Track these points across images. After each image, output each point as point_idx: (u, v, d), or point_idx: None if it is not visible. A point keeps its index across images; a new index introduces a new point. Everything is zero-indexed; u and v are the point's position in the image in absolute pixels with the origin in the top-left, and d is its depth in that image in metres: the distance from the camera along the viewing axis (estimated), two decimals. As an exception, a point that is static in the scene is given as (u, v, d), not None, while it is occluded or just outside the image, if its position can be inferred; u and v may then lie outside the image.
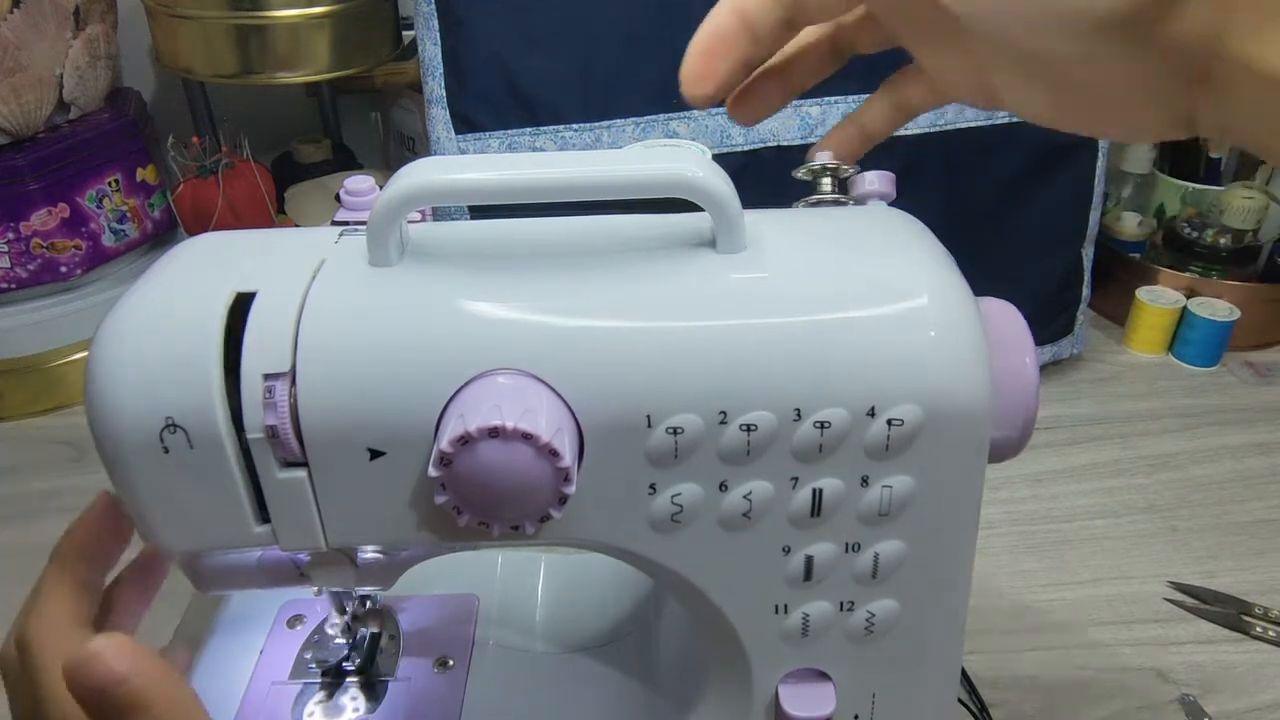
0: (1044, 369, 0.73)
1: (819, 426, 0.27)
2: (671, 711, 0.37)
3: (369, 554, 0.31)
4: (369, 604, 0.40)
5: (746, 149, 0.61)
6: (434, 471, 0.25)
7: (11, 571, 0.56)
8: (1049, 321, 0.71)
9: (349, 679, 0.39)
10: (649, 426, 0.27)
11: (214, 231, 0.32)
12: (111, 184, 0.72)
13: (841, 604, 0.30)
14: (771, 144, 0.61)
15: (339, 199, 0.35)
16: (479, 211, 0.58)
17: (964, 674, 0.47)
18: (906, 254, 0.29)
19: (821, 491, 0.28)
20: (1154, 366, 0.75)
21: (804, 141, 0.61)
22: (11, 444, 0.67)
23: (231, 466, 0.27)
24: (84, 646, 0.25)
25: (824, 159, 0.34)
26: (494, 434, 0.24)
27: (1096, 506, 0.60)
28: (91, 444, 0.27)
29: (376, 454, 0.27)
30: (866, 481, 0.28)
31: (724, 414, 0.27)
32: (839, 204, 0.33)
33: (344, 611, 0.39)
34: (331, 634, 0.39)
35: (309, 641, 0.40)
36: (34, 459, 0.66)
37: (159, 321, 0.27)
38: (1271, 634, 0.50)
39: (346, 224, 0.32)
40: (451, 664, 0.40)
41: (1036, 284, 0.69)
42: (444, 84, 0.60)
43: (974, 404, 0.27)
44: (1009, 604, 0.53)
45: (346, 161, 0.89)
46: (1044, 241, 0.69)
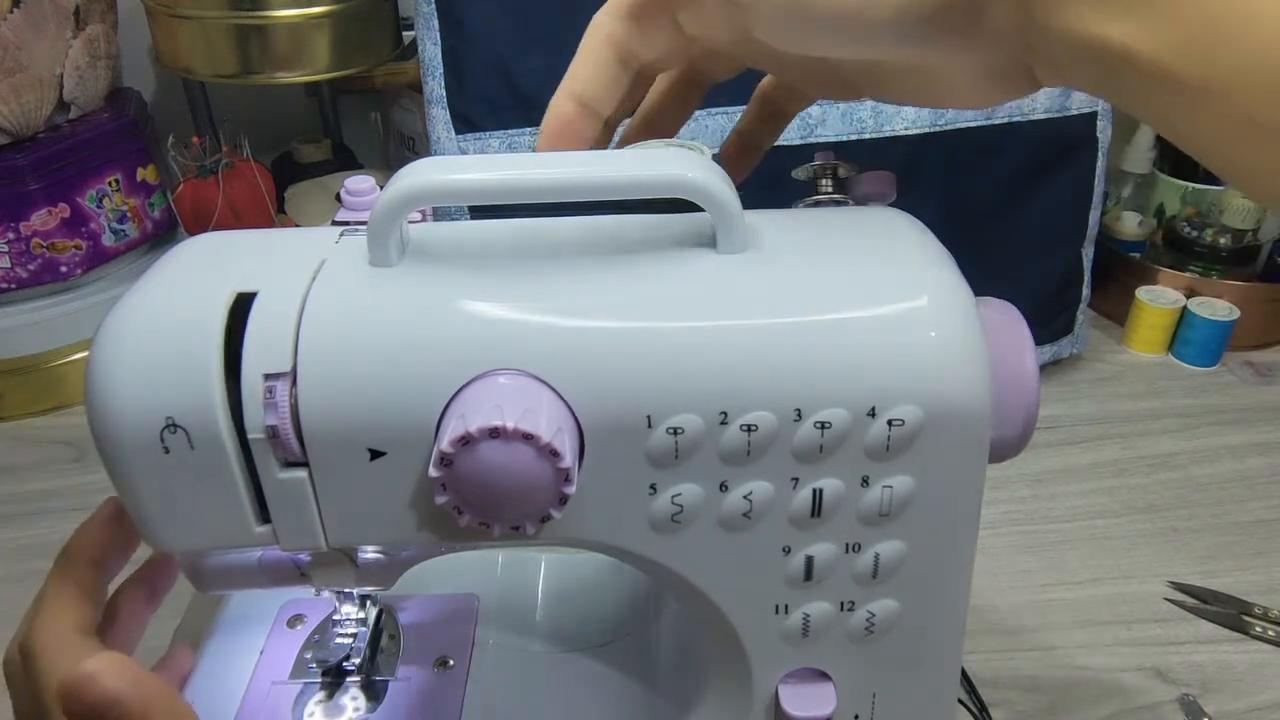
0: (1044, 369, 0.73)
1: (819, 427, 0.27)
2: (671, 711, 0.37)
3: (369, 554, 0.31)
4: (369, 604, 0.40)
5: (746, 149, 0.61)
6: (434, 472, 0.25)
7: (11, 571, 0.56)
8: (1049, 321, 0.71)
9: (349, 679, 0.39)
10: (649, 427, 0.27)
11: (214, 231, 0.32)
12: (112, 184, 0.72)
13: (842, 604, 0.30)
14: (771, 144, 0.61)
15: (339, 199, 0.35)
16: (479, 211, 0.58)
17: (964, 674, 0.47)
18: (906, 254, 0.29)
19: (822, 492, 0.28)
20: (1154, 366, 0.75)
21: (804, 142, 0.60)
22: (11, 444, 0.67)
23: (232, 466, 0.27)
24: (80, 666, 0.25)
25: (824, 159, 0.34)
26: (494, 434, 0.24)
27: (1096, 506, 0.60)
28: (91, 444, 0.27)
29: (377, 454, 0.27)
30: (867, 482, 0.28)
31: (724, 414, 0.27)
32: (839, 204, 0.33)
33: (344, 611, 0.39)
34: (332, 634, 0.39)
35: (309, 641, 0.40)
36: (34, 459, 0.66)
37: (159, 321, 0.27)
38: (1271, 634, 0.50)
39: (347, 224, 0.32)
40: (451, 664, 0.40)
41: (1036, 284, 0.69)
42: (444, 84, 0.60)
43: (974, 404, 0.27)
44: (1009, 604, 0.53)
45: (346, 161, 0.89)
46: (1044, 241, 0.69)
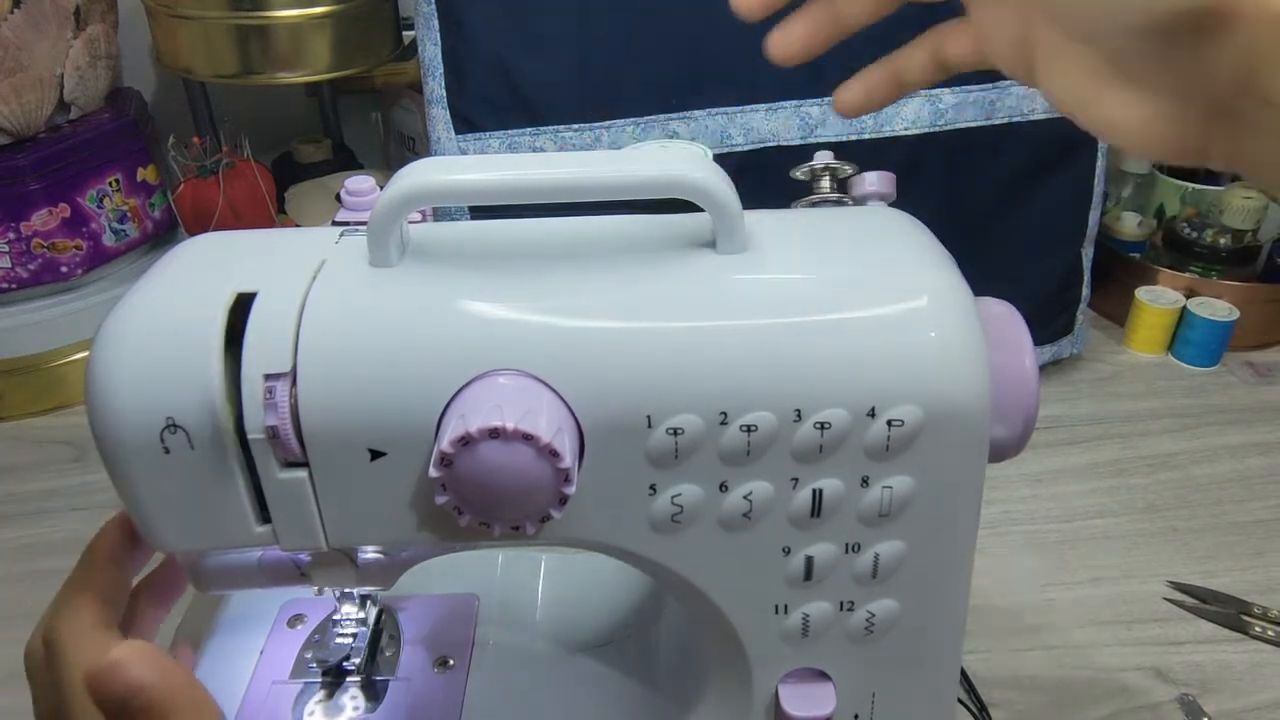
0: (1044, 369, 0.73)
1: (819, 427, 0.27)
2: (671, 711, 0.37)
3: (369, 554, 0.31)
4: (369, 604, 0.40)
5: (746, 149, 0.61)
6: (434, 472, 0.25)
7: (11, 571, 0.56)
8: (1049, 321, 0.71)
9: (349, 679, 0.39)
10: (649, 427, 0.27)
11: (214, 231, 0.32)
12: (112, 184, 0.72)
13: (841, 604, 0.30)
14: (771, 144, 0.61)
15: (339, 199, 0.35)
16: (479, 211, 0.58)
17: (964, 674, 0.47)
18: (906, 254, 0.29)
19: (821, 492, 0.28)
20: (1154, 366, 0.75)
21: (804, 142, 0.61)
22: (11, 444, 0.67)
23: (232, 466, 0.27)
24: (106, 655, 0.25)
25: (824, 159, 0.34)
26: (494, 434, 0.24)
27: (1096, 506, 0.60)
28: (91, 444, 0.27)
29: (377, 454, 0.27)
30: (867, 482, 0.28)
31: (724, 414, 0.27)
32: (839, 204, 0.33)
33: (344, 611, 0.39)
34: (332, 634, 0.39)
35: (309, 641, 0.40)
36: (34, 459, 0.66)
37: (159, 321, 0.27)
38: (1271, 634, 0.50)
39: (347, 224, 0.32)
40: (451, 664, 0.40)
41: (1036, 284, 0.69)
42: (444, 84, 0.60)
43: (974, 404, 0.27)
44: (1009, 604, 0.53)
45: (347, 161, 0.89)
46: (1044, 241, 0.69)
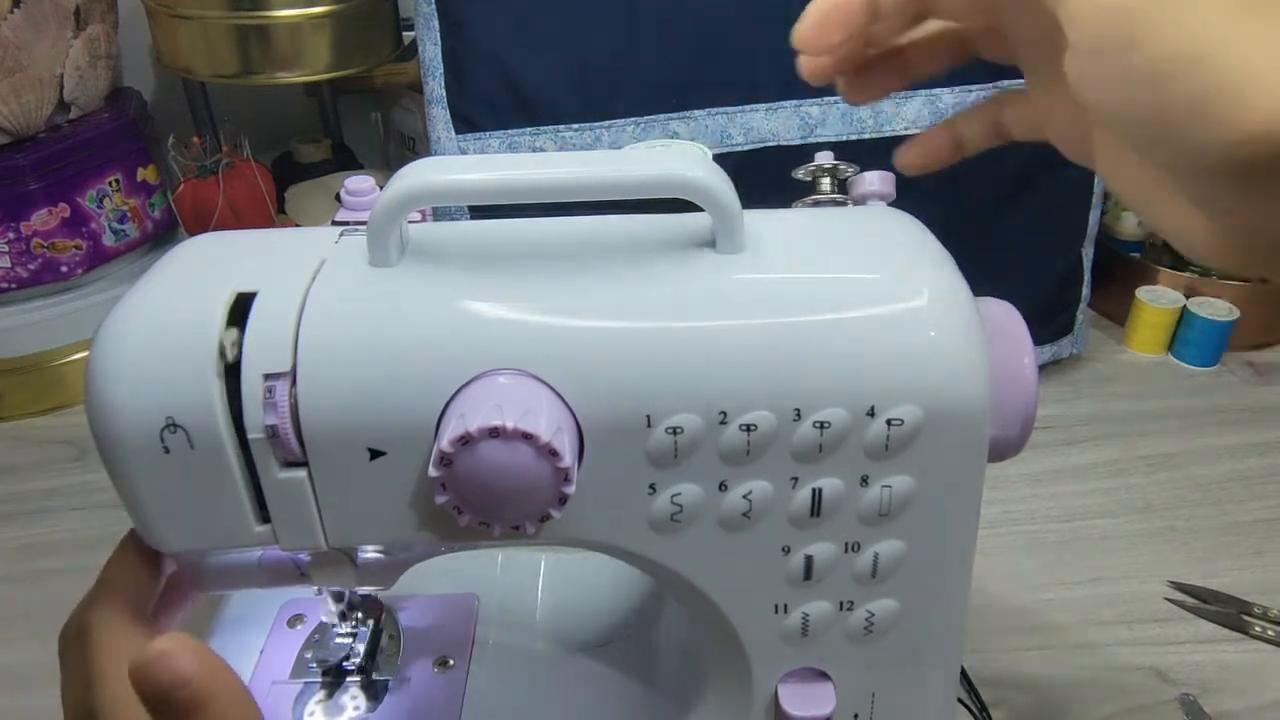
0: (1044, 369, 0.73)
1: (819, 426, 0.27)
2: (671, 711, 0.37)
3: (369, 554, 0.31)
4: (369, 604, 0.40)
5: (746, 149, 0.61)
6: (434, 471, 0.25)
7: (11, 571, 0.56)
8: (1049, 321, 0.71)
9: (349, 679, 0.39)
10: (649, 426, 0.27)
11: (214, 231, 0.32)
12: (112, 184, 0.72)
13: (841, 604, 0.30)
14: (771, 144, 0.61)
15: (339, 199, 0.35)
16: (479, 211, 0.58)
17: (964, 674, 0.47)
18: (906, 254, 0.29)
19: (821, 491, 0.28)
20: (1154, 366, 0.75)
21: (804, 141, 0.60)
22: (11, 444, 0.67)
23: (232, 466, 0.27)
24: (151, 646, 0.25)
25: (824, 159, 0.34)
26: (494, 434, 0.24)
27: (1096, 506, 0.60)
28: (92, 444, 0.27)
29: (377, 454, 0.27)
30: (866, 481, 0.28)
31: (724, 414, 0.27)
32: (839, 204, 0.33)
33: (344, 611, 0.39)
34: (332, 634, 0.39)
35: (309, 641, 0.40)
36: (34, 459, 0.66)
37: (159, 321, 0.27)
38: (1271, 634, 0.50)
39: (347, 224, 0.32)
40: (451, 663, 0.40)
41: (1036, 284, 0.69)
42: (444, 84, 0.60)
43: (974, 404, 0.27)
44: (1009, 604, 0.53)
45: (346, 161, 0.89)
46: (1044, 241, 0.69)
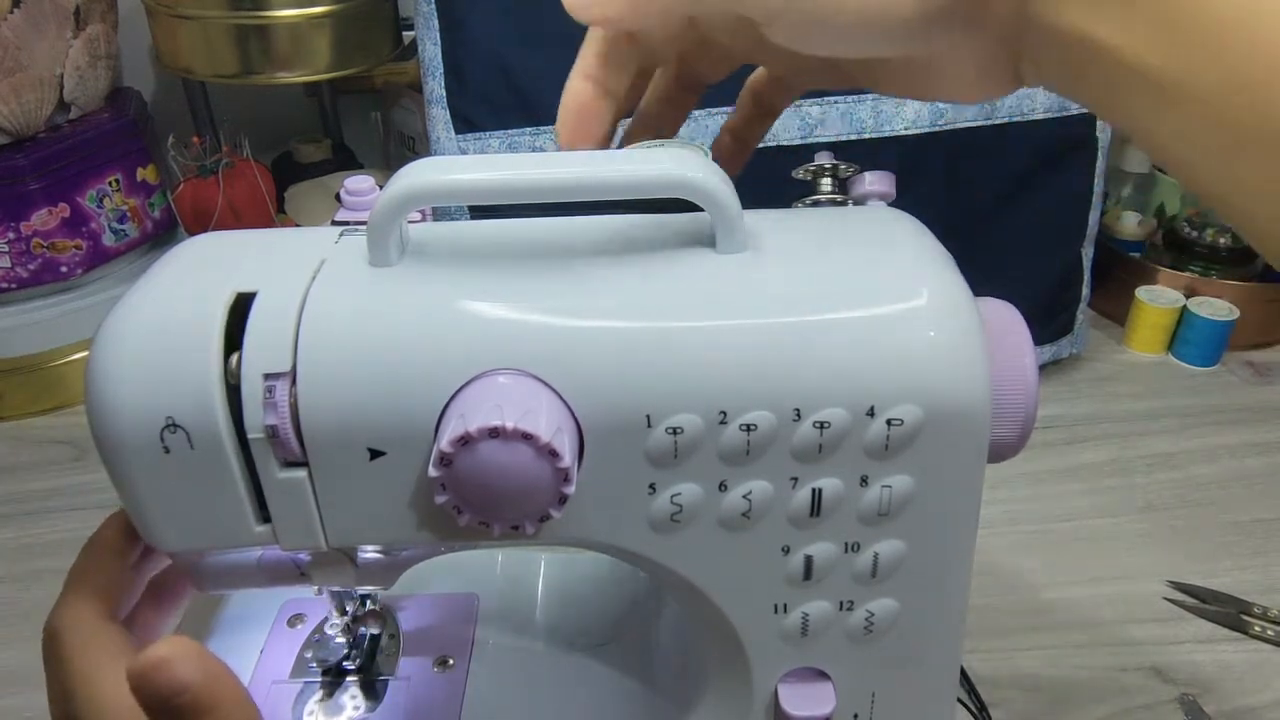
0: (1044, 368, 0.73)
1: (818, 426, 0.27)
2: (671, 711, 0.37)
3: (369, 554, 0.31)
4: (369, 603, 0.40)
5: (746, 149, 0.61)
6: (434, 471, 0.25)
7: (11, 571, 0.56)
8: (1049, 321, 0.71)
9: (349, 678, 0.39)
10: (649, 426, 0.27)
11: (214, 231, 0.32)
12: (112, 184, 0.72)
13: (841, 603, 0.30)
14: (771, 144, 0.61)
15: (339, 199, 0.35)
16: (479, 211, 0.58)
17: (964, 674, 0.47)
18: (906, 254, 0.29)
19: (821, 491, 0.28)
20: (1154, 366, 0.75)
21: (803, 141, 0.60)
22: (11, 444, 0.67)
23: (232, 466, 0.27)
24: (150, 651, 0.25)
25: (824, 159, 0.34)
26: (494, 434, 0.24)
27: (1096, 506, 0.60)
28: (91, 444, 0.27)
29: (377, 454, 0.27)
30: (866, 481, 0.28)
31: (724, 414, 0.27)
32: (839, 204, 0.33)
33: (344, 611, 0.39)
34: (332, 633, 0.39)
35: (309, 641, 0.40)
36: (34, 459, 0.66)
37: (159, 321, 0.27)
38: (1271, 633, 0.50)
39: (346, 224, 0.32)
40: (451, 663, 0.40)
41: (1036, 284, 0.69)
42: (444, 84, 0.60)
43: (974, 404, 0.27)
44: (1009, 604, 0.53)
45: (346, 161, 0.89)
46: (1044, 241, 0.69)
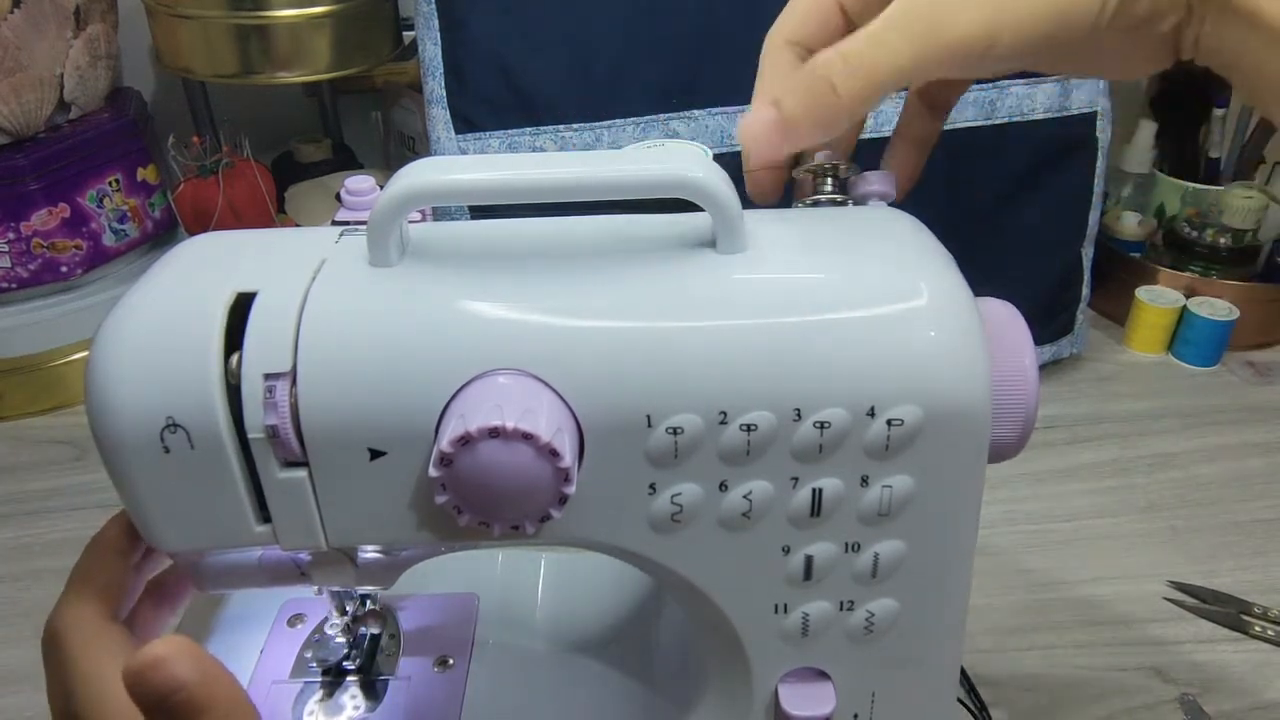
0: (1044, 369, 0.73)
1: (819, 426, 0.27)
2: (671, 711, 0.37)
3: (369, 554, 0.31)
4: (369, 603, 0.40)
5: (746, 149, 0.61)
6: (434, 471, 0.25)
7: (11, 571, 0.56)
8: (1049, 321, 0.71)
9: (349, 678, 0.39)
10: (649, 426, 0.27)
11: (214, 231, 0.32)
12: (112, 184, 0.72)
13: (841, 604, 0.30)
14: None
15: (339, 199, 0.35)
16: (479, 211, 0.58)
17: (964, 674, 0.47)
18: (906, 254, 0.29)
19: (821, 491, 0.28)
20: (1154, 366, 0.75)
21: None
22: (11, 444, 0.67)
23: (232, 466, 0.27)
24: (146, 650, 0.25)
25: (824, 158, 0.34)
26: (494, 434, 0.24)
27: (1096, 506, 0.60)
28: (91, 444, 0.27)
29: (377, 454, 0.27)
30: (866, 481, 0.28)
31: (724, 414, 0.27)
32: (839, 204, 0.33)
33: (344, 611, 0.39)
34: (332, 633, 0.39)
35: (309, 640, 0.40)
36: (34, 459, 0.66)
37: (159, 321, 0.27)
38: (1271, 634, 0.50)
39: (347, 224, 0.32)
40: (451, 663, 0.40)
41: (1036, 284, 0.69)
42: (444, 84, 0.60)
43: (974, 404, 0.27)
44: (1009, 604, 0.53)
45: (347, 161, 0.89)
46: (1044, 241, 0.69)
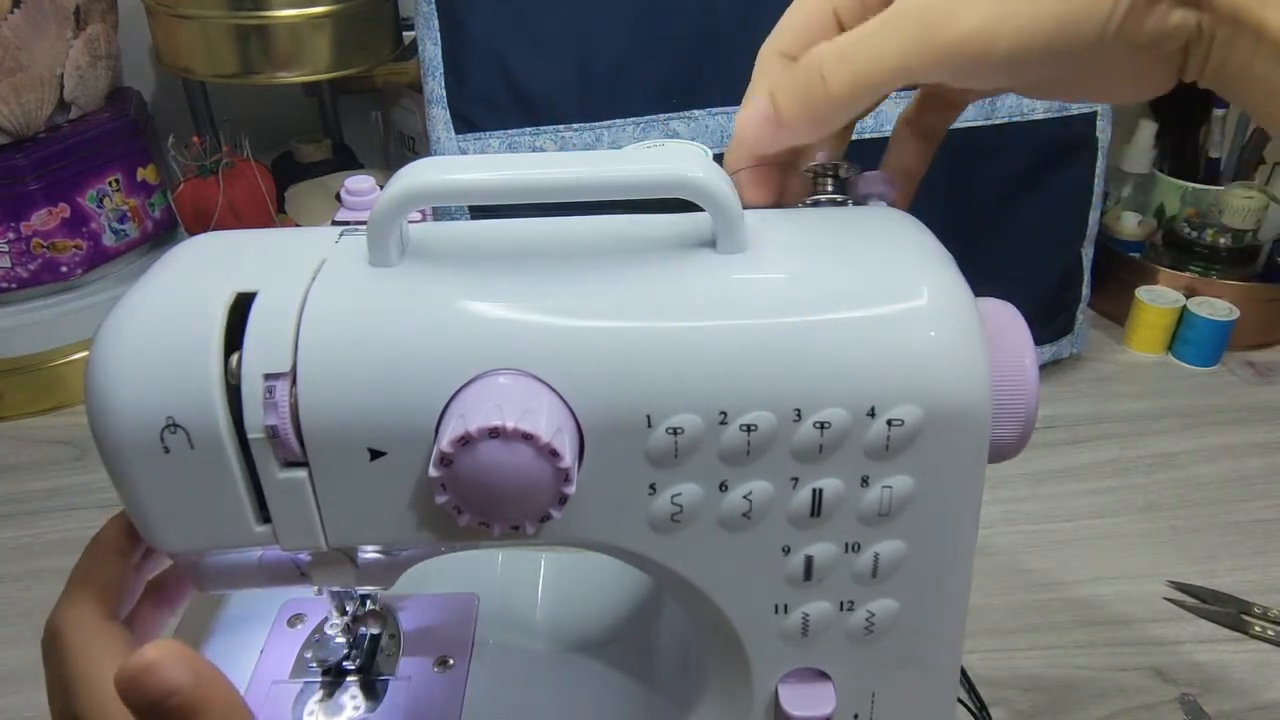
0: (1044, 369, 0.73)
1: (819, 427, 0.27)
2: (671, 711, 0.37)
3: (369, 554, 0.31)
4: (369, 603, 0.40)
5: (746, 149, 0.61)
6: (434, 471, 0.25)
7: (11, 571, 0.56)
8: (1049, 321, 0.71)
9: (349, 678, 0.39)
10: (649, 426, 0.27)
11: (214, 231, 0.32)
12: (112, 184, 0.72)
13: (841, 604, 0.30)
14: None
15: (339, 199, 0.35)
16: (479, 211, 0.58)
17: (964, 674, 0.47)
18: (906, 254, 0.29)
19: (821, 491, 0.28)
20: (1154, 366, 0.75)
21: (804, 141, 0.60)
22: (11, 444, 0.67)
23: (232, 466, 0.27)
24: (139, 655, 0.25)
25: (824, 159, 0.34)
26: (494, 434, 0.24)
27: (1096, 506, 0.60)
28: (91, 444, 0.27)
29: (377, 454, 0.27)
30: (866, 482, 0.28)
31: (724, 414, 0.27)
32: (839, 204, 0.33)
33: (344, 611, 0.39)
34: (332, 633, 0.39)
35: (309, 640, 0.40)
36: (34, 459, 0.66)
37: (159, 321, 0.27)
38: (1271, 634, 0.50)
39: (347, 224, 0.32)
40: (451, 663, 0.40)
41: (1036, 284, 0.69)
42: (444, 84, 0.60)
43: (974, 404, 0.27)
44: (1009, 604, 0.53)
45: (347, 161, 0.89)
46: (1044, 241, 0.69)
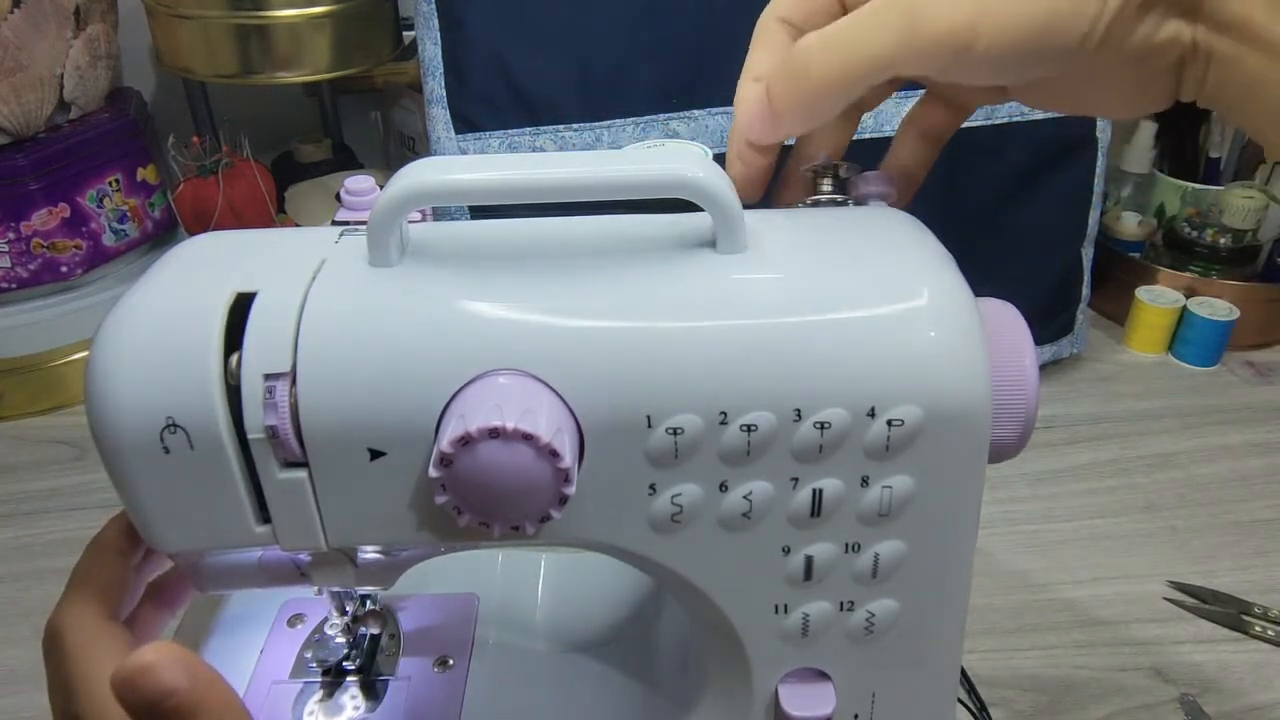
0: (1044, 369, 0.73)
1: (819, 427, 0.27)
2: (671, 711, 0.37)
3: (369, 554, 0.31)
4: (369, 603, 0.40)
5: (746, 149, 0.61)
6: (434, 472, 0.25)
7: (11, 571, 0.56)
8: (1049, 321, 0.71)
9: (349, 678, 0.39)
10: (649, 427, 0.27)
11: (214, 231, 0.32)
12: (112, 184, 0.72)
13: (841, 604, 0.30)
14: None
15: (339, 199, 0.35)
16: (479, 211, 0.58)
17: (964, 674, 0.47)
18: (906, 254, 0.29)
19: (821, 492, 0.28)
20: (1154, 366, 0.75)
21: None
22: (11, 444, 0.67)
23: (232, 466, 0.27)
24: (135, 656, 0.25)
25: (824, 159, 0.34)
26: (494, 434, 0.24)
27: (1096, 506, 0.60)
28: (91, 444, 0.27)
29: (377, 454, 0.27)
30: (866, 482, 0.28)
31: (724, 414, 0.27)
32: (839, 204, 0.33)
33: (344, 611, 0.39)
34: (332, 633, 0.39)
35: (309, 641, 0.40)
36: (34, 459, 0.66)
37: (159, 321, 0.27)
38: (1271, 634, 0.50)
39: (347, 224, 0.32)
40: (451, 663, 0.40)
41: (1036, 284, 0.69)
42: (444, 84, 0.60)
43: (974, 404, 0.27)
44: (1009, 604, 0.53)
45: (346, 161, 0.89)
46: (1044, 241, 0.69)
